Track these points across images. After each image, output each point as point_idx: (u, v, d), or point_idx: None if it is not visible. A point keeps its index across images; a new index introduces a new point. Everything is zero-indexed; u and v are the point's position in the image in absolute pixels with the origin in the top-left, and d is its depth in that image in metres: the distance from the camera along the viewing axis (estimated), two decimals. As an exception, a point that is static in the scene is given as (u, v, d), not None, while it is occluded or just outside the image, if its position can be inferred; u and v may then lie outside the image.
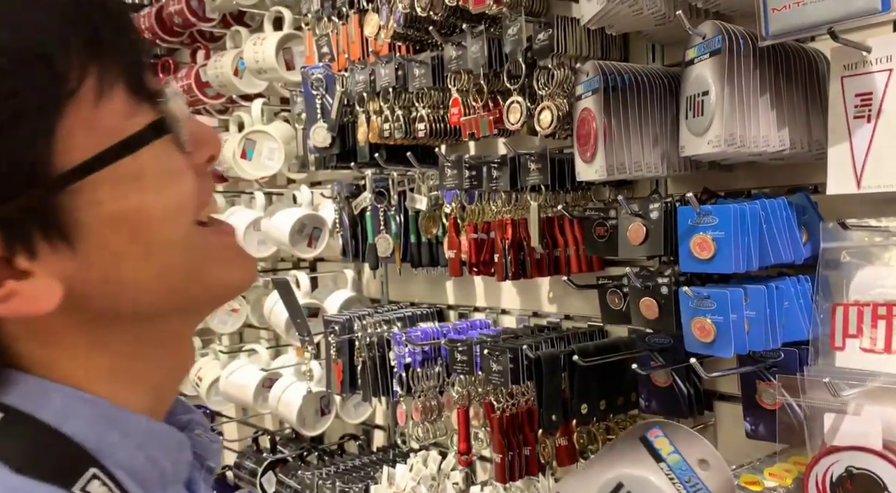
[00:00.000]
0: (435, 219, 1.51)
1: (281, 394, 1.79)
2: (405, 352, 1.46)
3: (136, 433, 0.46)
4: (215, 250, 0.48)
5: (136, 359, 0.48)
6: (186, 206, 0.45)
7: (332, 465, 1.65)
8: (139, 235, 0.43)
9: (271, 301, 1.83)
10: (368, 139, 1.49)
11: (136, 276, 0.44)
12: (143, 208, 0.43)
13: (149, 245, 0.44)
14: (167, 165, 0.44)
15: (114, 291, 0.44)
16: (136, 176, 0.43)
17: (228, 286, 0.51)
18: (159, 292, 0.46)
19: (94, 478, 0.43)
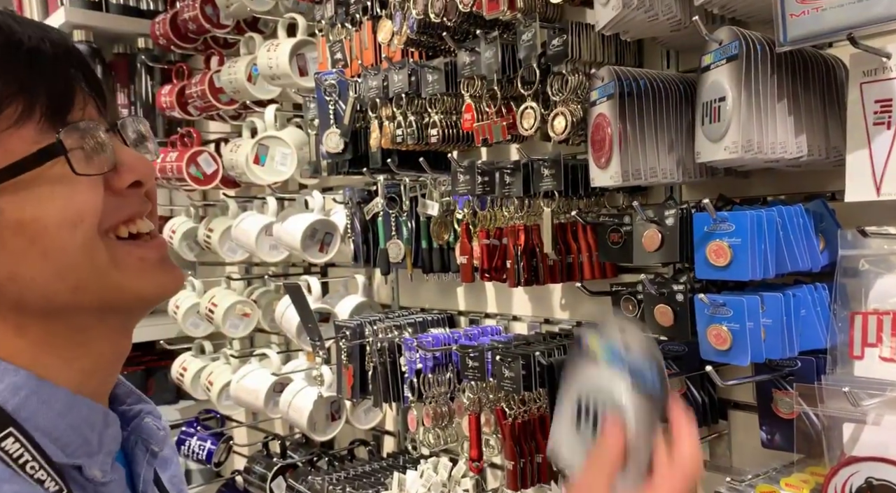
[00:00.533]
0: (446, 225, 1.51)
1: (292, 399, 1.79)
2: (416, 358, 1.45)
3: (56, 403, 0.55)
4: (127, 261, 0.56)
5: (55, 346, 0.56)
6: (83, 218, 0.53)
7: (343, 470, 1.65)
8: (36, 240, 0.52)
9: (283, 306, 1.83)
10: (381, 145, 1.49)
11: (36, 274, 0.53)
12: (39, 217, 0.52)
13: (45, 249, 0.52)
14: (60, 183, 0.52)
15: (19, 286, 0.53)
16: (31, 190, 0.52)
17: (140, 295, 0.58)
18: (62, 291, 0.54)
19: (9, 436, 0.51)
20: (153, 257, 0.58)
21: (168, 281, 0.60)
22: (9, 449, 0.52)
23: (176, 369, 2.30)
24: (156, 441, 0.64)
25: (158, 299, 0.60)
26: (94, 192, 0.54)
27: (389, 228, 1.60)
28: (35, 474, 0.52)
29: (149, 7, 2.43)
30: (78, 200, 0.53)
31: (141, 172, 0.57)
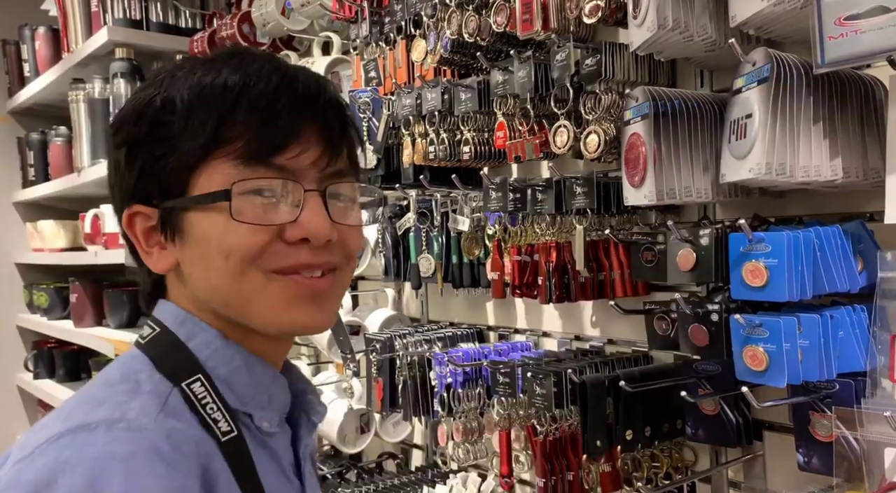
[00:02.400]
0: (477, 240, 1.52)
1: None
2: (446, 372, 1.46)
3: (236, 359, 0.67)
4: (272, 297, 0.65)
5: (230, 327, 0.67)
6: (232, 253, 0.63)
7: (372, 483, 1.66)
8: (205, 256, 0.65)
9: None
10: (413, 161, 1.51)
11: (202, 280, 0.66)
12: (209, 239, 0.64)
13: (208, 265, 0.65)
14: (225, 220, 0.63)
15: (194, 282, 0.66)
16: (210, 216, 0.64)
17: (272, 327, 0.66)
18: (216, 301, 0.66)
19: (197, 380, 0.64)
20: (303, 295, 0.65)
21: (306, 320, 0.66)
22: (196, 391, 0.64)
23: (208, 378, 2.34)
24: (316, 414, 0.75)
25: (292, 334, 0.71)
26: (252, 235, 0.63)
27: (420, 242, 1.62)
28: (213, 414, 0.64)
29: (187, 25, 2.51)
30: (231, 238, 0.63)
31: (310, 232, 0.64)
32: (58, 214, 3.19)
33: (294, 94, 0.65)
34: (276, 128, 0.63)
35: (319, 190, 0.66)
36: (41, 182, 3.15)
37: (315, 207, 0.65)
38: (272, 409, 0.69)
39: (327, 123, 0.66)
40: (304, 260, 0.65)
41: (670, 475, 1.19)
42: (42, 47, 3.01)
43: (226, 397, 0.65)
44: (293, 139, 0.64)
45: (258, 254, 0.63)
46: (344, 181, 0.69)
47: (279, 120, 0.63)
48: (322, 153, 0.66)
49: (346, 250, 0.69)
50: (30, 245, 3.29)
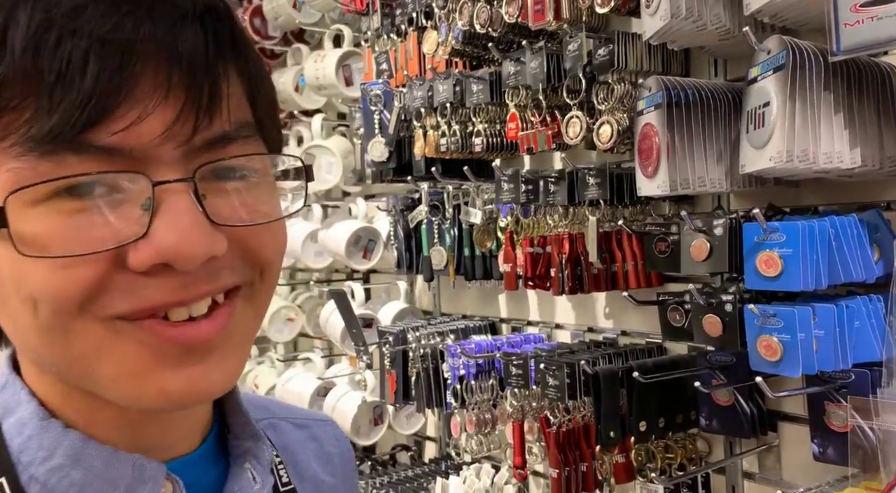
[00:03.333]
0: (489, 232, 1.52)
1: (335, 403, 1.83)
2: (459, 364, 1.47)
3: (59, 451, 0.43)
4: (116, 355, 0.40)
5: (73, 396, 0.43)
6: (37, 302, 0.38)
7: (385, 475, 1.67)
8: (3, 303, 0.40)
9: (327, 311, 1.87)
10: (425, 153, 1.51)
11: (14, 337, 0.42)
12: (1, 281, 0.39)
13: (12, 317, 0.40)
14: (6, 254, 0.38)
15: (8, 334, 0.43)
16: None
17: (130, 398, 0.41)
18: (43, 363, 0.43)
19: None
20: (170, 352, 0.40)
21: (176, 387, 0.40)
22: None
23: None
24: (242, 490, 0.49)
25: (160, 406, 0.41)
26: (68, 272, 0.37)
27: (432, 235, 1.63)
28: None
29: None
30: (31, 282, 0.38)
31: (169, 253, 0.38)
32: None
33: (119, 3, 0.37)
34: (84, 78, 0.35)
35: (186, 178, 0.39)
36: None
37: (178, 210, 0.38)
38: None
39: (186, 51, 0.38)
40: (163, 299, 0.39)
41: (684, 466, 1.19)
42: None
43: None
44: (123, 95, 0.36)
45: (86, 298, 0.38)
46: (233, 152, 0.41)
47: (90, 61, 0.35)
48: (182, 110, 0.38)
49: (254, 260, 0.43)
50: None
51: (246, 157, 0.42)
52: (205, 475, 0.48)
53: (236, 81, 0.41)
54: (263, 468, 0.51)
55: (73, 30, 0.35)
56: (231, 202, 0.41)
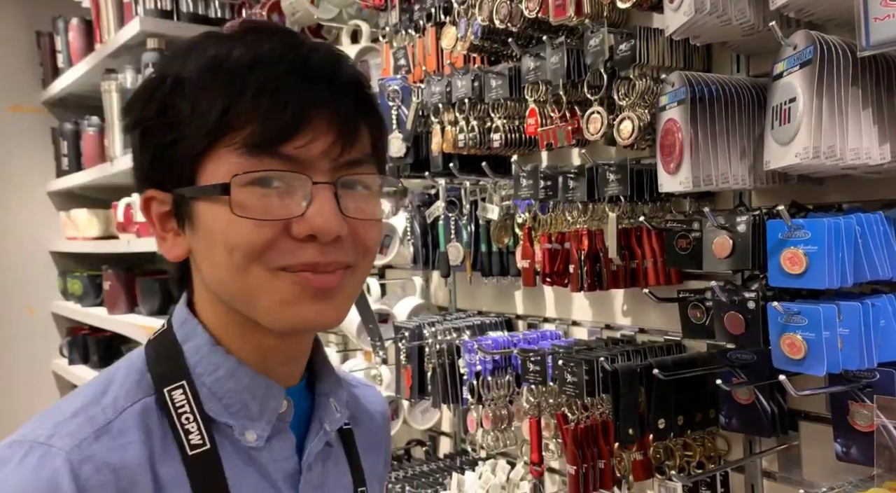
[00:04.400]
0: (506, 229, 1.52)
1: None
2: (476, 360, 1.47)
3: (222, 368, 0.65)
4: (277, 294, 0.61)
5: (233, 325, 0.65)
6: (235, 248, 0.60)
7: (401, 469, 1.68)
8: (210, 248, 0.63)
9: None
10: (442, 149, 1.51)
11: (210, 273, 0.64)
12: (213, 232, 0.62)
13: (214, 259, 0.62)
14: (227, 213, 0.60)
15: (205, 272, 0.64)
16: (215, 209, 0.61)
17: (275, 325, 0.63)
18: (223, 294, 0.64)
19: (179, 387, 0.63)
20: (308, 292, 0.62)
21: (311, 317, 0.63)
22: (175, 399, 0.63)
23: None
24: (329, 420, 0.71)
25: (299, 330, 0.66)
26: (256, 231, 0.60)
27: (449, 231, 1.63)
28: (186, 425, 0.63)
29: (217, 15, 2.53)
30: (233, 233, 0.60)
31: (316, 228, 0.60)
32: (90, 204, 3.26)
33: (306, 75, 0.60)
34: (283, 114, 0.59)
35: (331, 182, 0.61)
36: (74, 171, 3.22)
37: (324, 202, 0.60)
38: (263, 420, 0.65)
39: (341, 108, 0.61)
40: (310, 259, 0.61)
41: (703, 465, 1.18)
42: (75, 38, 3.07)
43: (208, 407, 0.64)
44: (302, 127, 0.60)
45: (262, 250, 0.60)
46: (360, 171, 0.64)
47: (287, 105, 0.59)
48: (335, 141, 0.61)
49: (360, 245, 0.64)
50: (63, 234, 3.37)
51: (368, 175, 0.65)
52: (303, 403, 0.70)
53: (365, 128, 0.65)
54: (341, 405, 0.73)
55: (279, 87, 0.60)
56: (354, 203, 0.63)
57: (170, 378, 0.64)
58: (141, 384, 0.64)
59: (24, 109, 3.40)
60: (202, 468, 0.62)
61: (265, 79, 0.59)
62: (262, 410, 0.65)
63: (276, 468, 0.67)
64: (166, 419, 0.63)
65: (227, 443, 0.64)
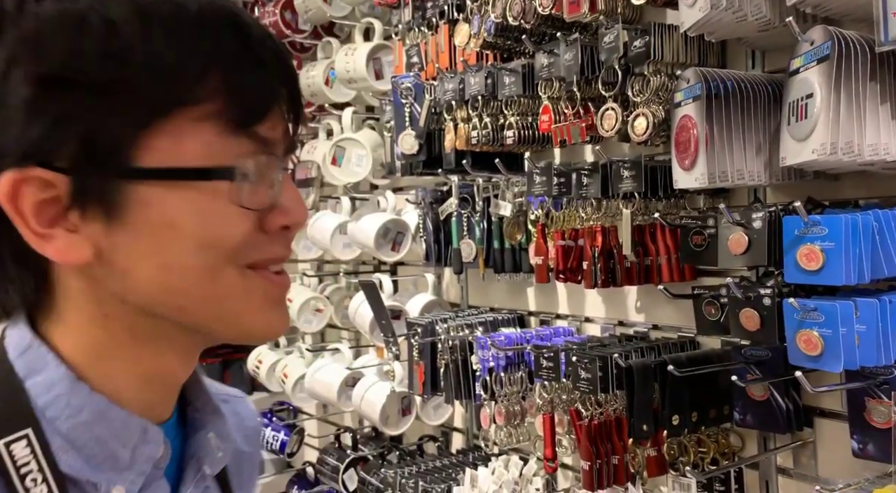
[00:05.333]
0: (519, 225, 1.52)
1: (364, 393, 1.85)
2: (489, 356, 1.47)
3: (84, 410, 0.49)
4: (249, 296, 0.51)
5: (127, 344, 0.51)
6: (216, 245, 0.49)
7: (414, 465, 1.69)
8: (164, 248, 0.48)
9: (356, 302, 1.88)
10: (455, 146, 1.52)
11: (147, 281, 0.49)
12: (177, 226, 0.48)
13: (168, 261, 0.48)
14: (214, 203, 0.48)
15: (128, 284, 0.49)
16: (184, 197, 0.48)
17: (248, 332, 0.53)
18: (166, 305, 0.50)
19: (22, 438, 0.47)
20: (275, 296, 0.53)
21: (278, 323, 0.54)
22: (16, 455, 0.47)
23: (252, 361, 2.40)
24: (210, 461, 0.57)
25: (263, 338, 0.56)
26: (242, 224, 0.50)
27: (462, 228, 1.63)
28: (32, 489, 0.47)
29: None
30: (222, 227, 0.49)
31: (294, 219, 0.52)
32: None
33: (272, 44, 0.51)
34: (261, 87, 0.49)
35: (288, 169, 0.54)
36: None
37: (292, 189, 0.52)
38: (134, 470, 0.52)
39: (296, 88, 0.53)
40: (279, 253, 0.53)
41: (717, 461, 1.18)
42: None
43: (62, 461, 0.48)
44: (273, 105, 0.50)
45: (241, 246, 0.50)
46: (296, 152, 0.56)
47: (265, 76, 0.50)
48: (289, 122, 0.53)
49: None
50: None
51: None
52: (175, 440, 0.56)
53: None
54: (224, 439, 0.59)
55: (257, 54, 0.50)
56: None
57: (7, 427, 0.48)
58: None
59: None
60: None
61: (242, 41, 0.49)
62: (135, 458, 0.52)
63: None
64: (4, 482, 0.47)
65: None
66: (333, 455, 2.02)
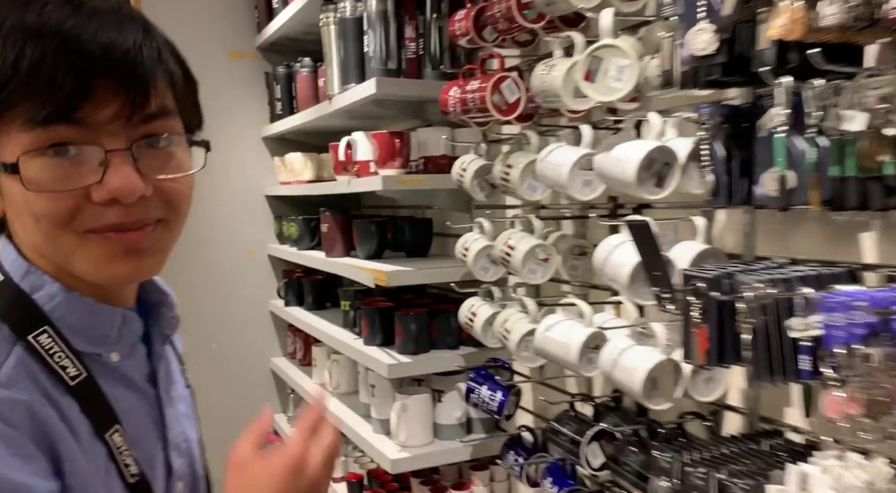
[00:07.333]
0: (882, 144, 1.09)
1: (618, 357, 1.54)
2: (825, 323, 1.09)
3: (80, 308, 0.77)
4: (88, 255, 0.72)
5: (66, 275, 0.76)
6: (40, 219, 0.69)
7: (690, 449, 1.36)
8: (19, 216, 0.73)
9: (606, 249, 1.57)
10: (783, 37, 1.11)
11: (24, 236, 0.75)
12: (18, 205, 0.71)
13: (24, 224, 0.73)
14: (20, 189, 0.69)
15: (19, 234, 0.76)
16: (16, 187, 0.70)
17: (94, 282, 0.76)
18: (42, 252, 0.75)
19: (43, 332, 0.73)
20: (118, 252, 0.71)
21: (126, 273, 0.74)
22: (43, 342, 0.71)
23: (465, 313, 2.19)
24: (167, 326, 0.90)
25: (113, 285, 0.78)
26: (56, 202, 0.67)
27: (782, 150, 1.23)
28: (61, 362, 0.71)
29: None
30: (36, 206, 0.68)
31: (115, 193, 0.68)
32: (302, 148, 3.25)
33: (80, 46, 0.63)
34: (60, 90, 0.62)
35: (126, 147, 0.68)
36: (287, 116, 3.20)
37: (120, 166, 0.68)
38: (122, 343, 0.80)
39: (125, 73, 0.66)
40: (114, 220, 0.69)
41: None
42: (289, -24, 3.00)
43: (73, 342, 0.74)
44: (83, 101, 0.64)
45: (68, 218, 0.68)
46: (159, 127, 0.71)
47: (66, 81, 0.62)
48: (123, 105, 0.66)
49: (168, 203, 0.74)
50: (277, 178, 3.41)
51: (170, 130, 0.74)
52: (143, 315, 0.86)
53: (163, 78, 0.72)
54: (170, 309, 0.91)
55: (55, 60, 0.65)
56: (156, 161, 0.73)
57: (30, 326, 0.72)
58: (3, 335, 0.70)
59: (242, 54, 3.45)
60: (86, 392, 0.73)
61: (42, 51, 0.62)
62: (122, 335, 0.80)
63: (137, 376, 0.83)
64: (41, 362, 0.71)
65: (97, 366, 0.76)
66: (570, 425, 1.76)
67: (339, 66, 2.51)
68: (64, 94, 0.63)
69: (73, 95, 0.63)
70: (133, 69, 0.66)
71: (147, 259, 0.74)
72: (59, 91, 0.63)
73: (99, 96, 0.65)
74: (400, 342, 2.35)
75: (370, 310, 2.47)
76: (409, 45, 2.36)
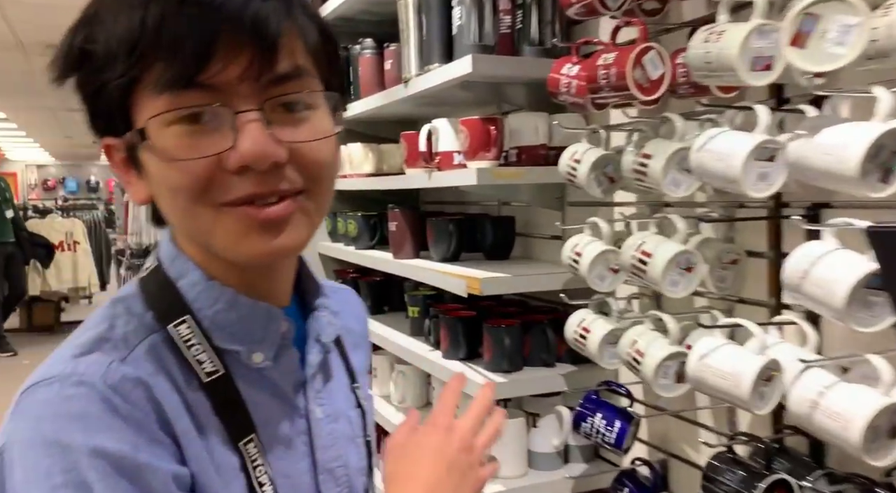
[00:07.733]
0: None
1: (820, 398, 1.22)
2: None
3: (221, 299, 0.72)
4: (225, 231, 0.67)
5: (214, 257, 0.71)
6: (176, 192, 0.66)
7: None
8: (160, 193, 0.69)
9: (809, 259, 1.24)
10: None
11: (167, 215, 0.71)
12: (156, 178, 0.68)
13: (164, 201, 0.69)
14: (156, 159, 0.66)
15: (165, 214, 0.71)
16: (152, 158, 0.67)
17: (232, 260, 0.70)
18: (185, 232, 0.72)
19: (184, 322, 0.70)
20: (254, 226, 0.66)
21: (262, 250, 0.67)
22: (182, 332, 0.69)
23: (574, 328, 1.87)
24: (324, 333, 0.81)
25: (252, 263, 0.71)
26: (188, 172, 0.64)
27: None
28: (198, 355, 0.69)
29: None
30: (169, 177, 0.65)
31: (247, 159, 0.63)
32: (361, 139, 2.95)
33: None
34: (187, 43, 0.60)
35: (257, 108, 0.64)
36: (350, 102, 2.90)
37: (251, 130, 0.63)
38: (267, 342, 0.74)
39: (254, 20, 0.61)
40: (249, 191, 0.65)
41: None
42: (355, -55, 2.69)
43: (214, 337, 0.71)
44: (212, 53, 0.61)
45: (203, 190, 0.64)
46: (292, 88, 0.66)
47: (187, 40, 0.60)
48: (251, 61, 0.62)
49: (307, 171, 0.68)
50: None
51: (305, 91, 0.68)
52: (299, 319, 0.80)
53: (296, 35, 0.66)
54: (333, 316, 0.83)
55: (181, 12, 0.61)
56: (291, 126, 0.66)
57: (172, 314, 0.70)
58: (144, 321, 0.69)
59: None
60: (220, 391, 0.69)
61: (163, 6, 0.60)
62: (265, 333, 0.74)
63: (284, 382, 0.76)
64: (176, 353, 0.68)
65: (238, 366, 0.72)
66: (734, 471, 1.44)
67: (417, 46, 2.20)
68: (188, 52, 0.60)
69: (197, 52, 0.60)
70: (256, 20, 0.62)
71: (286, 235, 0.67)
72: (182, 50, 0.60)
73: (223, 53, 0.61)
74: (490, 358, 2.04)
75: (451, 319, 2.16)
76: (503, 19, 2.06)
